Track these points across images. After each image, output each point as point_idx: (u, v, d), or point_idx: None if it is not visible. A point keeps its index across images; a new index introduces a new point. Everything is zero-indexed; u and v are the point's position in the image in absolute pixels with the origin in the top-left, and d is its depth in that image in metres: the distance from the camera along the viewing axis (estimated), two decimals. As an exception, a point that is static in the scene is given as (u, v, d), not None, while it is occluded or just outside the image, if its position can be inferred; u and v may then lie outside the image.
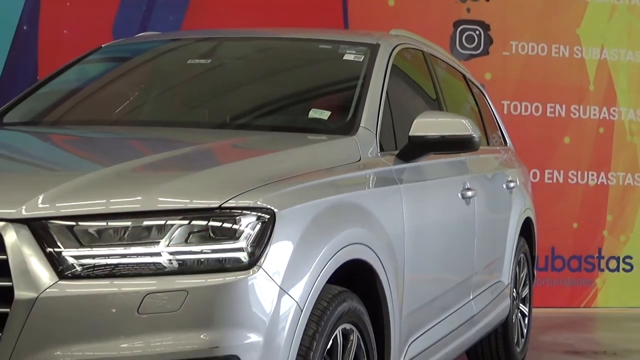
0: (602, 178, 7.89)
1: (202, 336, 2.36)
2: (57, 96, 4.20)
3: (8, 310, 2.31)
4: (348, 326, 2.91)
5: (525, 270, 5.67)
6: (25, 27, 6.88)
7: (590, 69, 7.86)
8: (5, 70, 6.82)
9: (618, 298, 7.92)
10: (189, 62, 4.31)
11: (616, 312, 7.74)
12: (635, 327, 7.25)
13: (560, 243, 7.78)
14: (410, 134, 3.56)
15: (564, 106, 7.81)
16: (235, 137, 3.47)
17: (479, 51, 7.66)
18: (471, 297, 4.45)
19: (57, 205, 2.44)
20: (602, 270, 7.90)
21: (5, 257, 2.34)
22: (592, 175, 7.87)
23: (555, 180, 7.80)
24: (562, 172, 7.81)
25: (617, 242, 7.93)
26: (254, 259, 2.48)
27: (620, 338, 6.74)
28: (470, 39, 7.65)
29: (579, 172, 7.85)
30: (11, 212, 2.40)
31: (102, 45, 4.58)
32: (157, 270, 2.40)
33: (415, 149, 3.61)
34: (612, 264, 7.92)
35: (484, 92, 5.74)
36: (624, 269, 7.93)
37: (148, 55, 4.49)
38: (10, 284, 2.32)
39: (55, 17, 6.91)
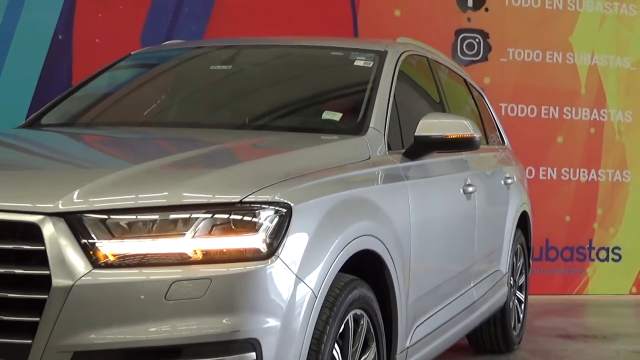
0: (593, 175, 7.87)
1: (224, 321, 2.37)
2: (90, 99, 4.21)
3: (46, 296, 2.31)
4: (358, 312, 2.91)
5: (522, 260, 5.66)
6: (60, 37, 6.89)
7: (582, 73, 7.85)
8: (42, 76, 6.84)
9: (607, 286, 7.91)
10: (211, 67, 4.33)
11: (605, 299, 7.73)
12: (623, 313, 7.25)
13: (554, 235, 7.78)
14: (416, 134, 3.56)
15: (557, 108, 7.79)
16: (254, 137, 3.47)
17: (478, 57, 7.65)
18: (472, 285, 4.45)
19: (90, 200, 2.44)
20: (593, 260, 7.89)
21: (43, 247, 2.35)
22: (584, 172, 7.86)
23: (549, 177, 7.79)
24: (555, 169, 7.80)
25: (607, 234, 7.92)
26: (272, 250, 2.49)
27: (609, 323, 6.72)
28: (470, 46, 7.64)
29: (571, 169, 7.84)
30: (49, 207, 2.40)
31: (131, 53, 4.60)
32: (182, 260, 2.40)
33: (421, 148, 3.61)
34: (602, 254, 7.91)
35: (484, 95, 5.73)
36: (612, 259, 7.92)
37: (173, 61, 4.50)
38: (48, 272, 2.33)
39: (88, 27, 6.92)
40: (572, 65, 7.83)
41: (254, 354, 2.40)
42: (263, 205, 2.53)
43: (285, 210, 2.56)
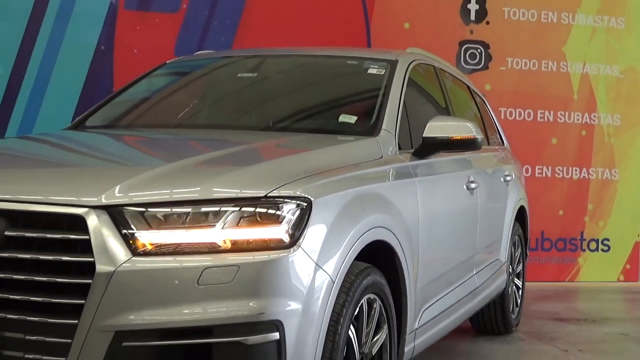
0: (584, 173, 7.85)
1: (250, 304, 2.37)
2: (130, 104, 4.22)
3: (91, 281, 2.33)
4: (372, 296, 2.91)
5: (519, 250, 5.64)
6: (102, 47, 6.91)
7: (574, 81, 7.82)
8: (86, 82, 6.87)
9: (597, 274, 7.88)
10: (238, 75, 4.33)
11: (595, 286, 7.70)
12: (611, 299, 7.22)
13: (548, 227, 7.75)
14: (424, 135, 3.56)
15: (551, 112, 7.77)
16: (278, 138, 3.47)
17: (480, 66, 7.63)
18: (474, 273, 4.43)
19: (130, 194, 2.46)
20: (584, 250, 7.87)
21: (88, 237, 2.36)
22: (576, 170, 7.83)
23: (544, 175, 7.76)
24: (550, 167, 7.78)
25: (597, 227, 7.89)
26: (294, 240, 2.49)
27: (599, 308, 6.70)
28: (472, 56, 7.63)
29: (564, 168, 7.82)
30: (93, 200, 2.42)
31: (166, 62, 4.61)
32: (213, 249, 2.41)
33: (428, 148, 3.61)
34: (592, 245, 7.88)
35: (485, 100, 5.71)
36: (602, 250, 7.89)
37: (204, 69, 4.51)
38: (92, 259, 2.34)
39: (127, 39, 6.94)
40: (566, 73, 7.80)
41: (277, 334, 2.40)
42: (286, 200, 2.53)
43: (305, 204, 2.56)
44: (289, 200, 2.53)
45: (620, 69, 7.91)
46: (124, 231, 2.38)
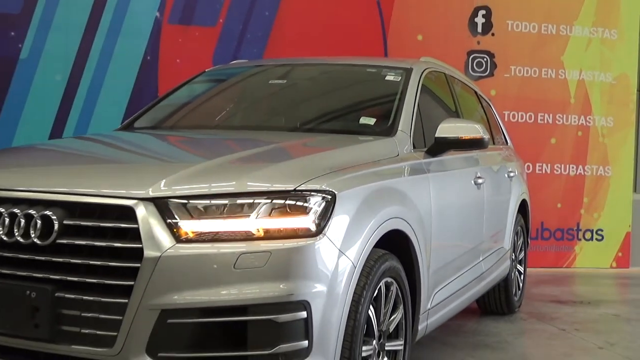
0: (580, 170, 7.80)
1: (281, 286, 2.38)
2: (173, 108, 4.24)
3: (139, 265, 2.35)
4: (389, 280, 2.91)
5: (521, 239, 5.60)
6: (148, 58, 6.95)
7: (572, 87, 7.77)
8: (134, 88, 6.91)
9: (592, 261, 7.83)
10: (269, 82, 4.33)
11: (590, 272, 7.66)
12: (604, 283, 7.17)
13: (547, 219, 7.71)
14: (436, 135, 3.55)
15: (551, 115, 7.73)
16: (305, 138, 3.47)
17: (486, 74, 7.60)
18: (481, 259, 4.41)
19: (174, 188, 2.47)
20: (580, 239, 7.82)
21: (137, 226, 2.38)
22: (572, 167, 7.79)
23: (544, 171, 7.72)
24: (549, 165, 7.75)
25: (591, 218, 7.84)
26: (320, 229, 2.49)
27: (594, 291, 6.66)
28: (479, 64, 7.60)
29: (562, 165, 7.78)
30: (141, 193, 2.44)
31: (205, 70, 4.63)
32: (247, 237, 2.41)
33: (440, 146, 3.59)
34: (587, 235, 7.83)
35: (491, 104, 5.68)
36: (596, 239, 7.84)
37: (239, 77, 4.51)
38: (140, 246, 2.36)
39: (170, 50, 6.97)
40: (563, 80, 7.75)
41: (305, 312, 2.40)
42: (312, 193, 2.53)
43: (330, 197, 2.56)
44: (315, 194, 2.53)
45: (613, 76, 7.86)
46: (169, 221, 2.39)
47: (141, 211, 2.39)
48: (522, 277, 5.66)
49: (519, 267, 5.57)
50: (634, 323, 5.33)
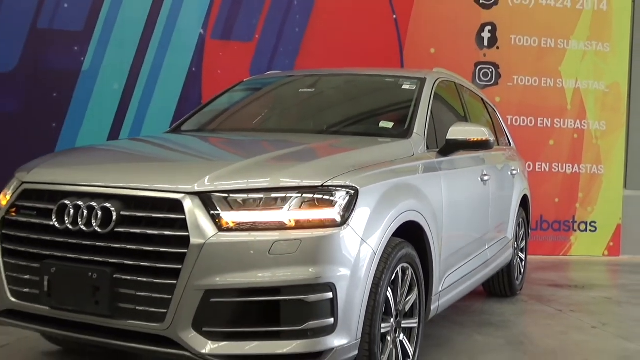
0: (576, 168, 7.72)
1: (310, 270, 2.38)
2: (215, 113, 4.24)
3: (186, 250, 2.36)
4: (405, 265, 2.90)
5: (523, 229, 5.55)
6: (193, 69, 6.99)
7: (568, 94, 7.68)
8: (181, 95, 6.94)
9: (586, 250, 7.75)
10: (299, 90, 4.32)
11: (584, 259, 7.58)
12: (597, 269, 7.09)
13: (546, 212, 7.64)
14: (447, 137, 3.54)
15: (549, 119, 7.66)
16: (330, 140, 3.45)
17: (491, 83, 7.55)
18: (486, 247, 4.38)
19: (216, 183, 2.48)
20: (575, 230, 7.74)
21: (184, 217, 2.40)
22: (569, 166, 7.71)
23: (543, 170, 7.65)
24: (548, 164, 7.67)
25: (586, 212, 7.75)
26: (344, 220, 2.49)
27: (587, 277, 6.59)
28: (485, 75, 7.55)
29: (560, 164, 7.70)
30: (188, 188, 2.45)
31: (243, 80, 4.64)
32: (280, 226, 2.42)
33: (450, 147, 3.57)
34: (582, 226, 7.75)
35: (496, 109, 5.63)
36: (590, 230, 7.76)
37: (273, 86, 4.51)
38: (187, 234, 2.37)
39: (212, 62, 7.00)
40: (561, 88, 7.67)
41: (331, 293, 2.41)
42: (338, 188, 2.53)
43: (353, 192, 2.56)
44: (340, 189, 2.53)
45: (605, 84, 7.77)
46: (212, 212, 2.40)
47: (188, 204, 2.41)
48: (523, 264, 5.61)
49: (520, 254, 5.52)
50: (624, 305, 5.27)
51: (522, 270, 5.59)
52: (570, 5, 7.67)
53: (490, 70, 7.55)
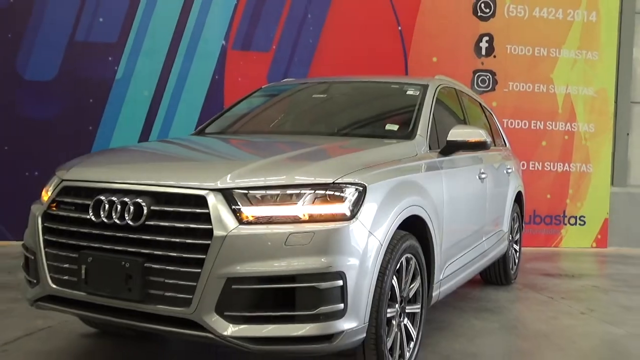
0: (566, 167, 7.66)
1: (322, 260, 2.38)
2: (236, 117, 4.25)
3: (210, 242, 2.36)
4: (409, 255, 2.89)
5: (517, 223, 5.52)
6: (216, 77, 7.01)
7: (559, 99, 7.62)
8: (205, 101, 6.97)
9: (575, 242, 7.69)
10: (313, 96, 4.32)
11: (574, 251, 7.53)
12: (586, 260, 7.03)
13: (539, 207, 7.59)
14: (448, 139, 3.53)
15: (542, 122, 7.60)
16: (341, 141, 3.45)
17: (489, 89, 7.50)
18: (484, 239, 4.37)
19: (237, 181, 2.48)
20: (565, 224, 7.68)
21: (208, 211, 2.40)
22: (560, 165, 7.65)
23: (536, 168, 7.60)
24: (540, 163, 7.62)
25: (575, 207, 7.70)
26: (353, 214, 2.49)
27: (577, 267, 6.54)
28: (483, 81, 7.50)
29: (552, 163, 7.64)
30: (211, 185, 2.46)
31: (262, 87, 4.64)
32: (295, 220, 2.42)
33: (450, 148, 3.56)
34: (572, 220, 7.69)
35: (492, 113, 5.60)
36: (579, 224, 7.69)
37: (288, 92, 4.51)
38: (211, 227, 2.38)
39: (234, 71, 7.02)
40: (553, 93, 7.61)
41: (341, 281, 2.40)
42: (347, 185, 2.53)
43: (362, 188, 2.56)
44: (350, 186, 2.53)
45: (594, 90, 7.70)
46: (233, 207, 2.41)
47: (211, 199, 2.41)
48: (517, 255, 5.58)
49: (515, 246, 5.49)
50: (610, 293, 5.23)
51: (517, 260, 5.56)
52: (562, 17, 7.61)
53: (488, 77, 7.51)
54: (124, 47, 6.84)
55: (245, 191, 2.44)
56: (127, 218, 2.49)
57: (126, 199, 2.52)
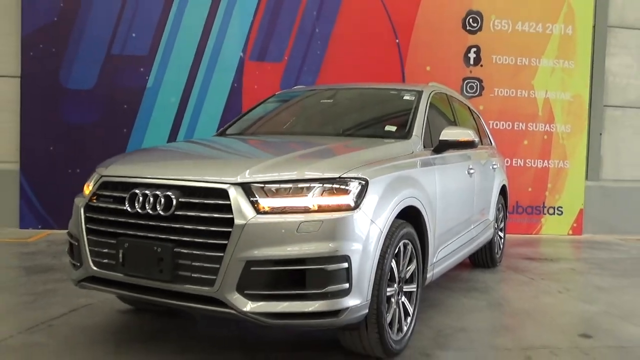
0: (546, 163, 7.62)
1: (329, 245, 2.39)
2: (253, 120, 4.25)
3: (231, 229, 2.38)
4: (406, 241, 2.90)
5: (502, 213, 5.51)
6: (235, 85, 7.01)
7: (539, 103, 7.57)
8: (225, 106, 6.96)
9: (553, 229, 7.65)
10: (321, 101, 4.32)
11: (552, 237, 7.49)
12: (562, 245, 7.00)
13: (521, 199, 7.56)
14: (440, 138, 3.52)
15: (524, 123, 7.56)
16: (346, 141, 3.44)
17: (476, 94, 7.46)
18: (472, 227, 4.36)
19: (254, 176, 2.49)
20: (545, 214, 7.64)
21: (229, 202, 2.41)
22: (540, 161, 7.61)
23: (519, 164, 7.56)
24: (523, 159, 7.58)
25: (554, 198, 7.65)
26: (357, 205, 2.50)
27: (555, 251, 6.52)
28: (471, 87, 7.47)
29: (532, 160, 7.60)
30: (232, 179, 2.47)
31: (275, 93, 4.65)
32: (306, 210, 2.43)
33: (442, 146, 3.55)
34: (551, 210, 7.65)
35: (480, 116, 5.58)
36: (557, 214, 7.66)
37: (299, 97, 4.51)
38: (232, 216, 2.39)
39: (250, 79, 7.01)
40: (533, 98, 7.57)
41: (346, 264, 2.41)
42: (352, 179, 2.54)
43: (364, 182, 2.56)
44: (354, 180, 2.54)
45: (570, 95, 7.65)
46: (251, 199, 2.42)
47: (232, 192, 2.43)
48: (502, 241, 5.57)
49: (500, 233, 5.48)
50: (585, 275, 5.22)
51: (501, 246, 5.55)
52: (541, 30, 7.57)
53: (475, 83, 7.48)
54: (154, 59, 6.86)
55: (262, 185, 2.45)
56: (158, 209, 2.51)
57: (158, 192, 2.54)
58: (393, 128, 3.62)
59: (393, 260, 2.75)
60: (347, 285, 2.41)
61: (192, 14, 6.93)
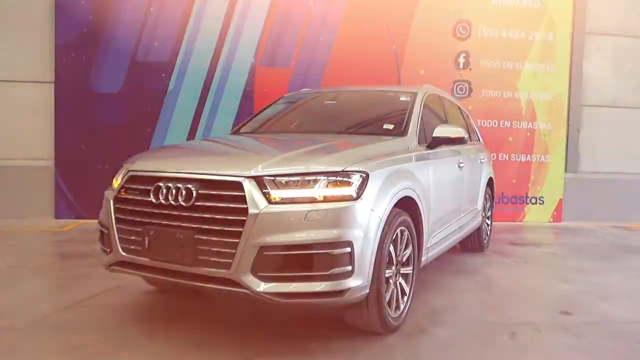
0: (528, 157, 7.59)
1: (334, 231, 2.40)
2: (263, 120, 4.25)
3: (245, 218, 2.39)
4: (403, 228, 2.90)
5: (489, 202, 5.49)
6: (247, 88, 7.00)
7: (523, 103, 7.53)
8: (239, 108, 6.97)
9: (536, 217, 7.63)
10: (325, 102, 4.31)
11: (535, 225, 7.47)
12: (544, 232, 6.98)
13: (506, 190, 7.53)
14: (433, 135, 3.51)
15: (509, 122, 7.52)
16: (348, 138, 3.44)
17: (466, 95, 7.43)
18: (462, 215, 4.35)
19: (266, 170, 2.50)
20: (528, 203, 7.62)
21: (244, 194, 2.42)
22: (523, 156, 7.58)
23: (504, 159, 7.53)
24: (508, 154, 7.54)
25: (536, 189, 7.63)
26: (359, 195, 2.50)
27: (537, 237, 6.50)
28: (461, 89, 7.43)
29: (517, 155, 7.57)
30: (247, 173, 2.48)
31: (283, 95, 4.64)
32: (313, 200, 2.43)
33: (435, 143, 3.54)
34: (533, 200, 7.62)
35: (469, 115, 5.56)
36: (539, 203, 7.63)
37: (305, 99, 4.50)
38: (246, 206, 2.40)
39: (261, 83, 7.00)
40: (517, 99, 7.52)
41: (349, 248, 2.42)
42: (354, 172, 2.54)
43: (365, 175, 2.57)
44: (355, 173, 2.54)
45: (551, 95, 7.60)
46: (263, 190, 2.43)
47: (246, 185, 2.44)
48: (489, 228, 5.55)
49: (487, 221, 5.47)
50: (564, 258, 5.20)
51: (489, 232, 5.54)
52: (525, 37, 7.52)
53: (465, 86, 7.44)
54: (174, 66, 6.86)
55: (273, 178, 2.46)
56: (180, 200, 2.52)
57: (179, 185, 2.55)
58: (390, 126, 3.62)
59: (391, 245, 2.75)
60: (350, 267, 2.42)
61: (208, 25, 6.92)
